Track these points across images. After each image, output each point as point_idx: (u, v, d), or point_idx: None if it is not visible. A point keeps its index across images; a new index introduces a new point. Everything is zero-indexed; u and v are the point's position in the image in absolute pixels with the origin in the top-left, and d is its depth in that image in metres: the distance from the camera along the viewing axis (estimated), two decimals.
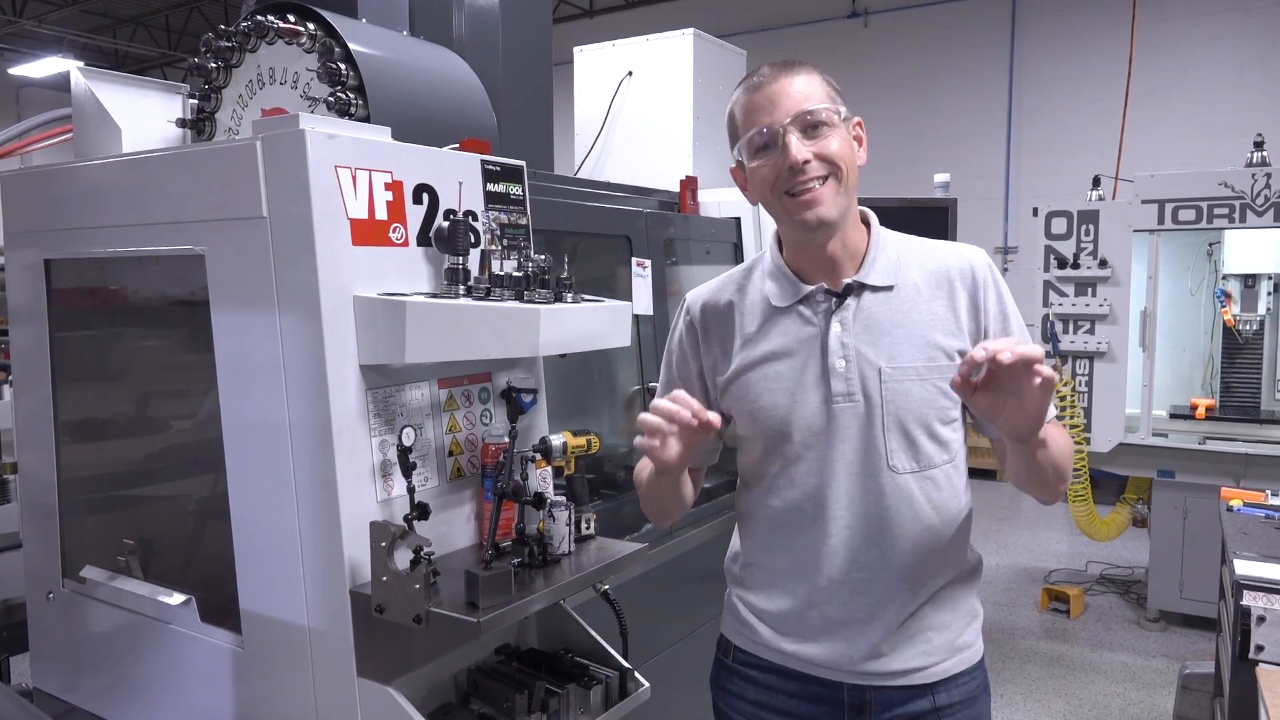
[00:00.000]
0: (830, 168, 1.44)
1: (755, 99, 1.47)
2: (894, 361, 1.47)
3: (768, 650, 1.59)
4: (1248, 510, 2.77)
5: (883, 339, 1.48)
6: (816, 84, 1.47)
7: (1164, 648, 4.80)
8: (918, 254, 1.56)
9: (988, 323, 1.50)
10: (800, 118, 1.43)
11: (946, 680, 1.53)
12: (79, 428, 2.21)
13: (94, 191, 2.01)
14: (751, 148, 1.48)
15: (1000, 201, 9.82)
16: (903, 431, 1.46)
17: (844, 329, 1.49)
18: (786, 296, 1.55)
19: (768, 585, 1.59)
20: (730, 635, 1.68)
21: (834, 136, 1.45)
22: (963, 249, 1.57)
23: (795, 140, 1.43)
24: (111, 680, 2.10)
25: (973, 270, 1.52)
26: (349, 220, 1.64)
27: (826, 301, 1.52)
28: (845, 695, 1.53)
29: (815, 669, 1.54)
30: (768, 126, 1.44)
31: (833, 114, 1.45)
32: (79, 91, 2.26)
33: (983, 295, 1.51)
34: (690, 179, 3.32)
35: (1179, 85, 8.71)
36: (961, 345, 1.49)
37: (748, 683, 1.63)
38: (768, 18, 10.71)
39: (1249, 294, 5.02)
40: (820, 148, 1.43)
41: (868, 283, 1.51)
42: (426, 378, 1.79)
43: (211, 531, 1.97)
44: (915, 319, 1.49)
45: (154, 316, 2.21)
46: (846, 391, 1.48)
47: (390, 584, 1.53)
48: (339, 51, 2.03)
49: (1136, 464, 5.02)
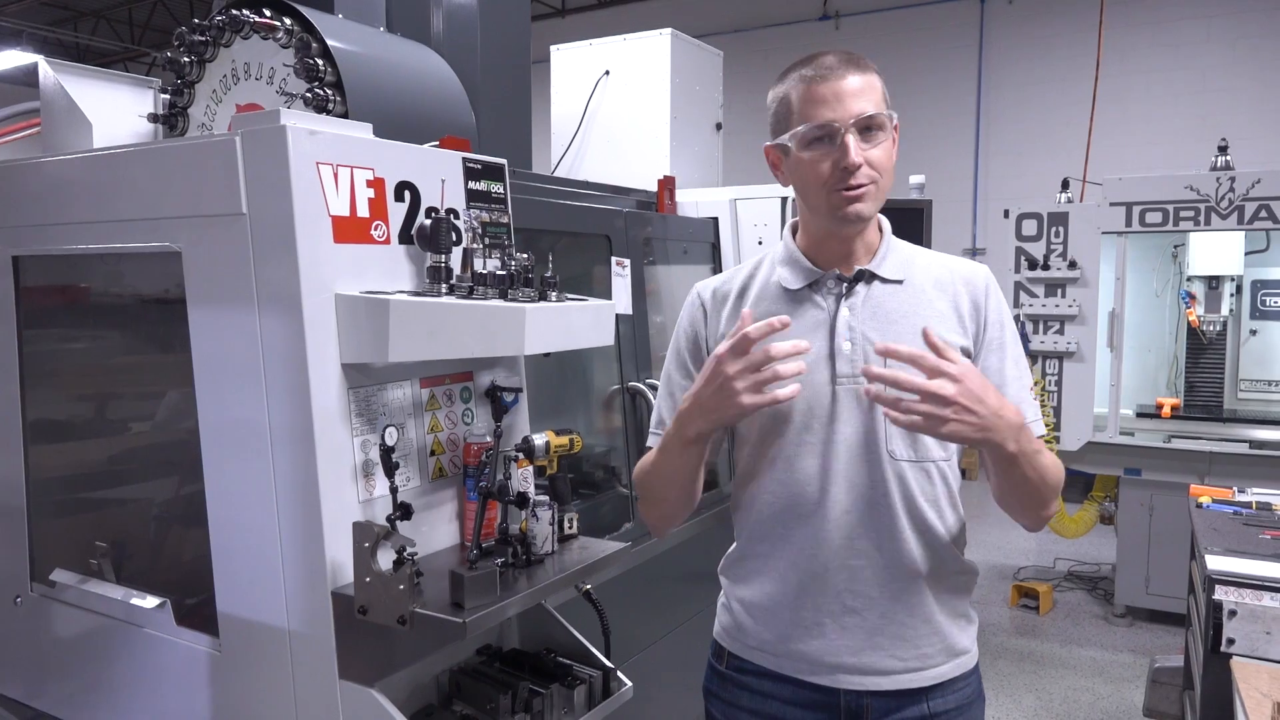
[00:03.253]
0: (874, 174, 1.47)
1: (819, 91, 1.46)
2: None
3: (761, 654, 1.58)
4: (1216, 507, 2.82)
5: (890, 327, 1.51)
6: (877, 86, 1.48)
7: (1131, 642, 4.88)
8: (926, 259, 1.60)
9: (986, 327, 1.54)
10: (861, 120, 1.44)
11: (942, 685, 1.53)
12: (48, 428, 2.17)
13: (64, 187, 1.97)
14: (806, 139, 1.48)
15: (969, 203, 9.93)
16: None
17: (852, 313, 1.52)
18: (799, 280, 1.57)
19: (762, 574, 1.58)
20: (722, 640, 1.67)
21: (885, 142, 1.48)
22: (969, 263, 1.62)
23: (854, 143, 1.44)
24: (81, 685, 2.06)
25: (977, 279, 1.57)
26: (330, 217, 1.62)
27: (838, 286, 1.54)
28: (841, 701, 1.52)
29: (809, 672, 1.53)
30: (828, 123, 1.45)
31: (885, 120, 1.47)
32: (47, 85, 2.21)
33: (984, 300, 1.55)
34: (668, 178, 3.33)
35: (1143, 90, 8.86)
36: (964, 344, 1.52)
37: (741, 689, 1.61)
38: (739, 19, 10.75)
39: (1213, 295, 5.11)
40: (872, 154, 1.46)
41: (879, 273, 1.54)
42: (408, 377, 1.78)
43: (187, 534, 1.94)
44: (921, 313, 1.52)
45: (127, 315, 2.17)
46: (851, 373, 1.49)
47: (373, 585, 1.51)
48: (316, 47, 2.00)
49: (1104, 462, 5.10)
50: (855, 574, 1.50)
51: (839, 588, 1.50)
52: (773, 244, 1.76)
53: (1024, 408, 1.50)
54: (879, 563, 1.50)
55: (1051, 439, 4.97)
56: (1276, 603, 2.07)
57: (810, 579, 1.52)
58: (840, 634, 1.51)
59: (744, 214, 3.38)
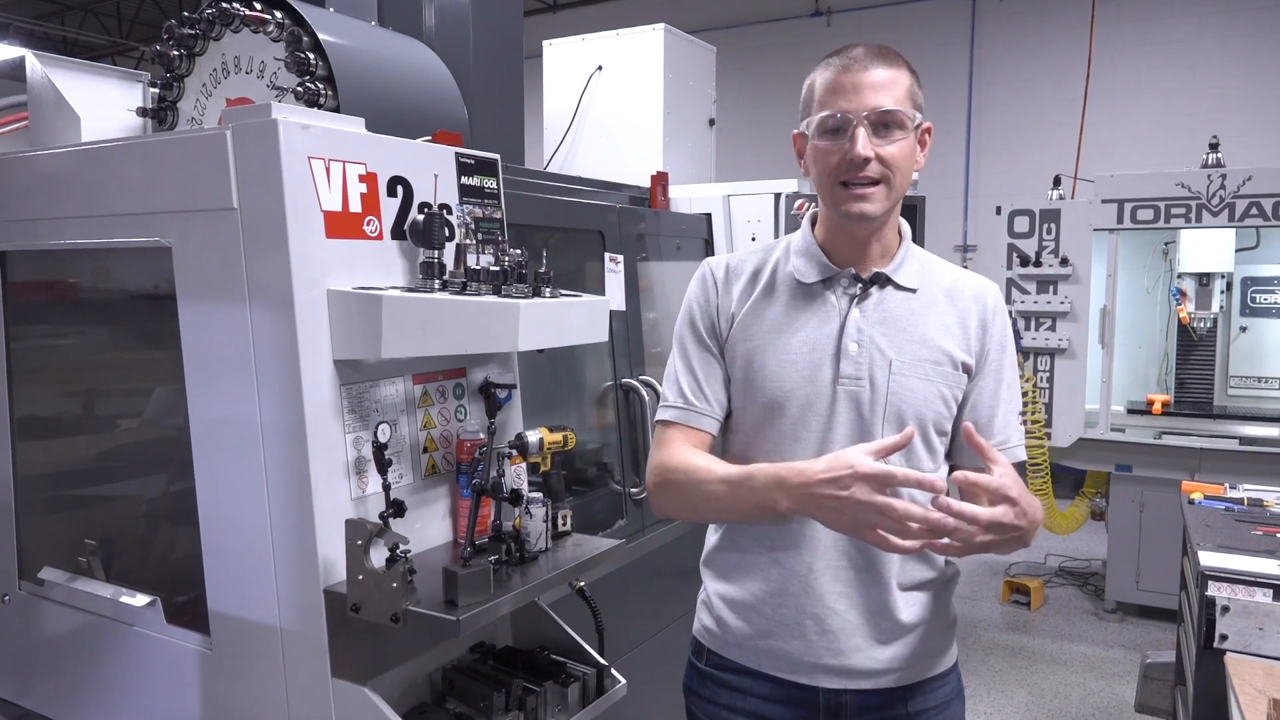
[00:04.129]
0: (886, 172, 1.45)
1: (840, 80, 1.45)
2: (904, 356, 1.49)
3: (740, 651, 1.57)
4: (1208, 503, 2.83)
5: (898, 334, 1.50)
6: (903, 83, 1.46)
7: (1122, 638, 4.90)
8: (941, 270, 1.60)
9: (989, 346, 1.55)
10: (875, 114, 1.43)
11: (922, 684, 1.54)
12: (36, 425, 2.15)
13: (52, 181, 1.95)
14: (822, 127, 1.46)
15: (960, 200, 9.94)
16: (899, 425, 1.46)
17: (863, 316, 1.51)
18: (814, 274, 1.55)
19: (745, 571, 1.56)
20: (702, 637, 1.66)
21: (901, 141, 1.45)
22: (981, 278, 1.62)
23: (864, 136, 1.42)
24: (70, 684, 2.05)
25: (988, 298, 1.58)
26: (322, 212, 1.61)
27: (852, 287, 1.53)
28: (821, 699, 1.51)
29: (789, 670, 1.53)
30: (842, 113, 1.43)
31: (905, 118, 1.45)
32: (35, 78, 2.19)
33: (991, 319, 1.56)
34: (661, 174, 3.32)
35: (1134, 87, 8.88)
36: (967, 359, 1.53)
37: (720, 686, 1.60)
38: (730, 15, 10.72)
39: (1203, 292, 5.13)
40: (886, 150, 1.44)
41: (895, 279, 1.54)
42: (401, 373, 1.76)
43: (177, 531, 1.93)
44: (931, 323, 1.52)
45: (116, 310, 2.15)
46: (854, 375, 1.48)
47: (366, 583, 1.50)
48: (307, 41, 1.99)
49: (1095, 458, 5.12)
50: (839, 575, 1.50)
51: (822, 588, 1.49)
52: (766, 240, 1.75)
53: (1010, 432, 1.54)
54: (862, 564, 1.50)
55: (1043, 436, 4.98)
56: (1269, 599, 2.08)
57: (794, 577, 1.51)
58: (821, 634, 1.50)
59: (737, 210, 3.37)
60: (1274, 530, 2.52)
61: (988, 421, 1.52)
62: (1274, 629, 2.07)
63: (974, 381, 1.54)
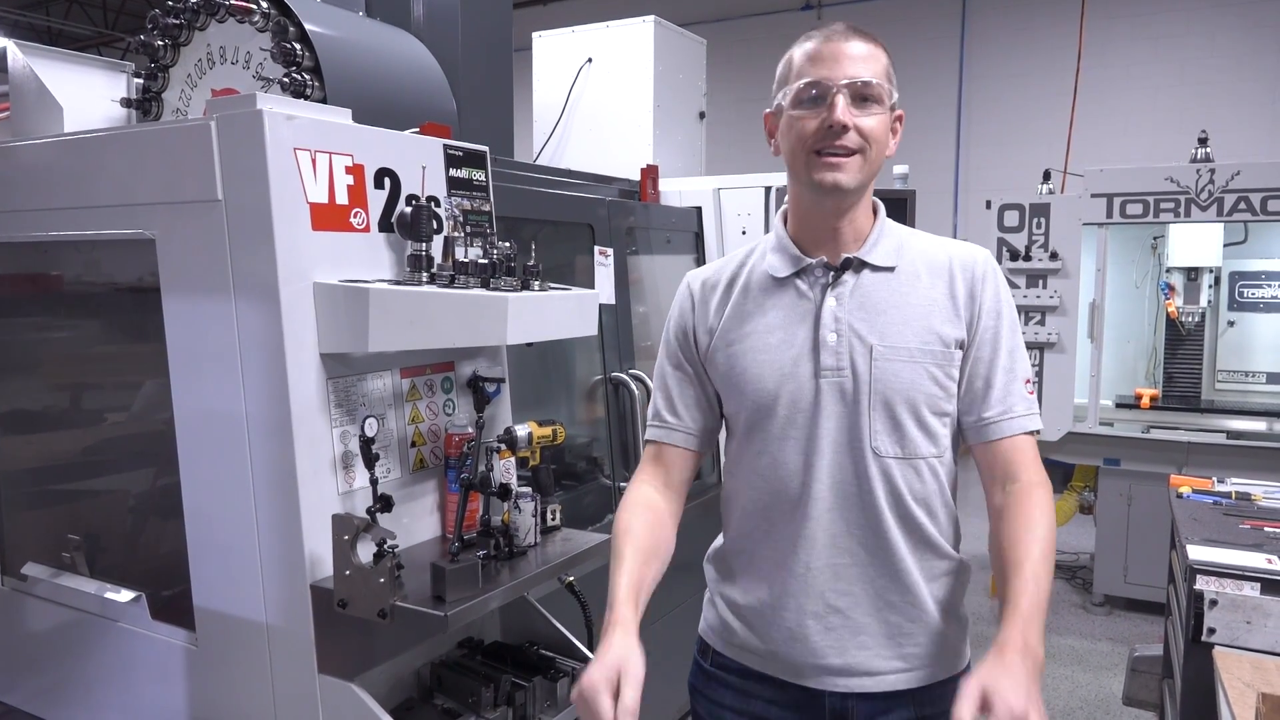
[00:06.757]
0: (863, 143, 1.42)
1: (820, 50, 1.43)
2: (886, 340, 1.44)
3: (745, 654, 1.55)
4: (1196, 497, 2.83)
5: (878, 318, 1.46)
6: (881, 59, 1.45)
7: (1109, 631, 4.92)
8: (922, 244, 1.54)
9: (980, 316, 1.47)
10: (855, 84, 1.41)
11: (930, 688, 1.49)
12: (18, 419, 2.13)
13: (35, 172, 1.93)
14: (798, 97, 1.43)
15: (950, 194, 9.95)
16: (888, 413, 1.43)
17: (839, 304, 1.47)
18: (786, 268, 1.52)
19: (746, 573, 1.54)
20: (707, 637, 1.63)
21: (878, 114, 1.43)
22: (968, 245, 1.55)
23: (843, 103, 1.40)
24: (55, 680, 2.03)
25: (975, 263, 1.50)
26: (309, 204, 1.59)
27: (825, 275, 1.49)
28: (826, 702, 1.48)
29: (793, 674, 1.50)
30: (822, 80, 1.41)
31: (884, 92, 1.43)
32: (16, 68, 2.16)
33: (979, 286, 1.48)
34: (651, 167, 3.31)
35: (1123, 82, 8.90)
36: (959, 334, 1.46)
37: (725, 688, 1.58)
38: (722, 8, 10.71)
39: (1191, 287, 5.14)
40: (863, 121, 1.41)
41: (869, 260, 1.49)
42: (389, 367, 1.75)
43: (163, 526, 1.91)
44: (913, 302, 1.47)
45: (99, 303, 2.13)
46: (835, 366, 1.44)
47: (354, 578, 1.49)
48: (293, 31, 1.97)
49: (1084, 452, 5.13)
50: (840, 572, 1.46)
51: (823, 586, 1.46)
52: (756, 234, 1.73)
53: (1012, 402, 1.45)
54: (864, 560, 1.45)
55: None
56: (1257, 592, 2.09)
57: (793, 578, 1.47)
58: (824, 635, 1.46)
59: (728, 204, 3.36)
60: (1262, 524, 2.52)
61: (984, 394, 1.46)
62: (1262, 622, 2.07)
63: (969, 352, 1.47)
